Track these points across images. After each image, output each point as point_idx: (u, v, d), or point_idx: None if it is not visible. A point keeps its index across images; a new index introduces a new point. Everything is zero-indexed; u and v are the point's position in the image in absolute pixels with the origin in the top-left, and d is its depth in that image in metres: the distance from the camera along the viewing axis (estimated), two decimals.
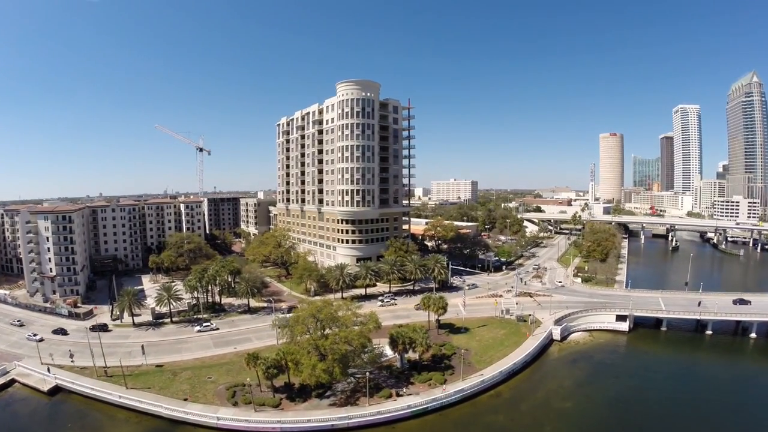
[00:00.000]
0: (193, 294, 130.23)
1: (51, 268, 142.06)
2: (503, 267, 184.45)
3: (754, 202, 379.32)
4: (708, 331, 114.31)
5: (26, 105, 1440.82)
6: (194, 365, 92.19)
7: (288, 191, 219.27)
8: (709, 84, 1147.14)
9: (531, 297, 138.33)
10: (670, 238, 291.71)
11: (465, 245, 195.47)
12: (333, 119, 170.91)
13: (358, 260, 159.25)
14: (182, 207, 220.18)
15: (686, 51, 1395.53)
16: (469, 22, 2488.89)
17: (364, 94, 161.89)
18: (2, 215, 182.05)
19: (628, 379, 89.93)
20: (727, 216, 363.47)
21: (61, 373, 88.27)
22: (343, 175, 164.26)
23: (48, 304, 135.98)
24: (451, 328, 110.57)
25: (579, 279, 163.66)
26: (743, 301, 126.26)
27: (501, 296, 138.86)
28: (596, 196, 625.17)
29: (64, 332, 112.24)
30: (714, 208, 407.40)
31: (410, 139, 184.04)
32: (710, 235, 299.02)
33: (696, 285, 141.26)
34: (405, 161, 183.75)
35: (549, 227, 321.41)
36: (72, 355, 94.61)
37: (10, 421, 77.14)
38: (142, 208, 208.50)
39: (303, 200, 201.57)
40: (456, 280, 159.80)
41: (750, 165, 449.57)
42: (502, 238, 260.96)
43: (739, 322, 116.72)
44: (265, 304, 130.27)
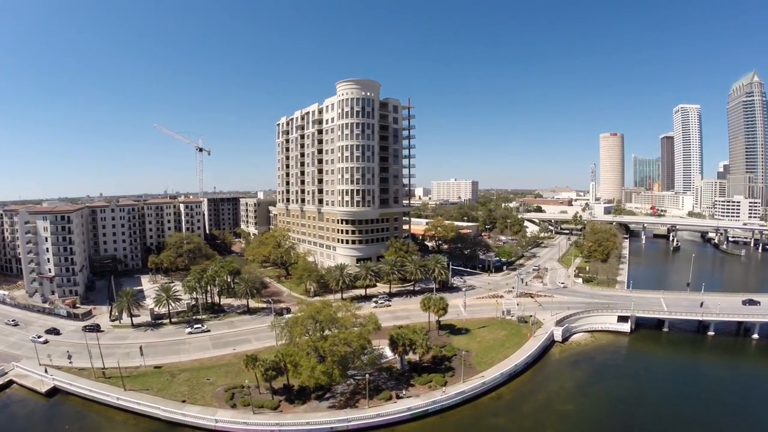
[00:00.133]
0: (192, 295, 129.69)
1: (50, 268, 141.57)
2: (504, 267, 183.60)
3: (755, 202, 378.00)
4: (710, 332, 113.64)
5: (27, 105, 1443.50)
6: (193, 366, 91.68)
7: (288, 191, 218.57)
8: (709, 84, 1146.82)
9: (532, 298, 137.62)
10: (671, 238, 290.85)
11: (465, 245, 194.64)
12: (333, 119, 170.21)
13: (358, 261, 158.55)
14: (182, 207, 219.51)
15: (687, 51, 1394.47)
16: (470, 23, 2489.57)
17: (364, 93, 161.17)
18: (1, 215, 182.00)
19: (630, 381, 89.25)
20: (728, 216, 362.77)
21: (59, 375, 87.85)
22: (343, 175, 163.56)
23: (47, 305, 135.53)
24: (452, 329, 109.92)
25: (580, 279, 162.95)
26: (753, 302, 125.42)
27: (502, 297, 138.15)
28: (597, 196, 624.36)
29: (56, 332, 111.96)
30: (715, 208, 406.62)
31: (410, 138, 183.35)
32: (711, 235, 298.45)
33: (698, 285, 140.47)
34: (405, 161, 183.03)
35: (550, 227, 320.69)
36: (70, 356, 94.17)
37: (8, 423, 76.70)
38: (142, 208, 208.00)
39: (303, 200, 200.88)
40: (456, 281, 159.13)
41: (751, 165, 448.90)
42: (503, 238, 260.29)
43: (741, 323, 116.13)
44: (265, 305, 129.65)
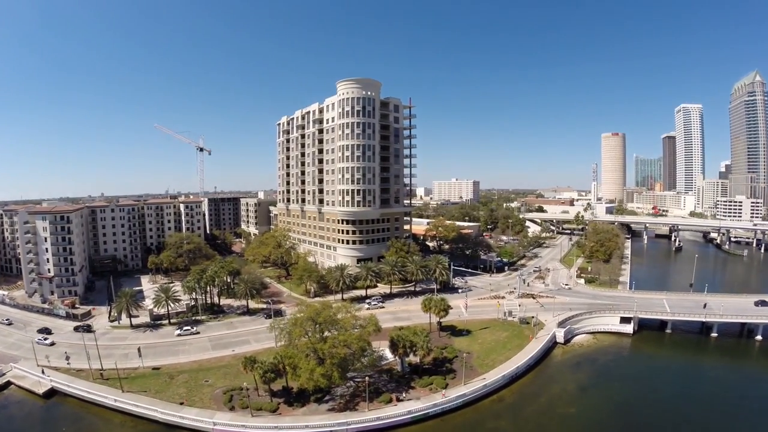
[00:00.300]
0: (192, 295, 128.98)
1: (49, 268, 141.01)
2: (505, 268, 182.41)
3: (757, 202, 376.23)
4: (713, 334, 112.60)
5: (28, 105, 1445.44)
6: (191, 368, 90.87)
7: (288, 191, 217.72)
8: (711, 83, 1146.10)
9: (534, 298, 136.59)
10: (673, 238, 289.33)
11: (467, 246, 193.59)
12: (333, 118, 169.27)
13: (358, 261, 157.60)
14: (182, 207, 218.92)
15: (688, 50, 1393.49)
16: (470, 20, 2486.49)
17: (364, 92, 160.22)
18: (1, 215, 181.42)
19: (633, 383, 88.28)
20: (729, 216, 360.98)
21: (56, 376, 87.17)
22: (344, 175, 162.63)
23: (46, 305, 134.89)
24: (453, 331, 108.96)
25: (582, 280, 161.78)
26: (765, 303, 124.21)
27: (503, 298, 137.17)
28: (598, 196, 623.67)
29: (48, 332, 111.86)
30: (717, 208, 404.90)
31: (411, 138, 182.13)
32: (713, 235, 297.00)
33: (701, 286, 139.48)
34: (406, 161, 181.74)
35: (551, 227, 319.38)
36: (68, 357, 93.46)
37: (5, 425, 76.11)
38: (142, 208, 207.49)
39: (303, 200, 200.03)
40: (458, 281, 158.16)
41: (753, 165, 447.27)
42: (504, 238, 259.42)
43: (745, 325, 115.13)
44: (265, 306, 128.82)
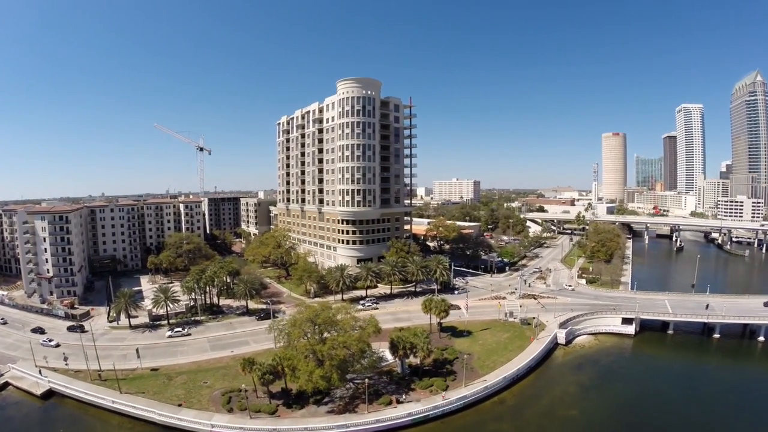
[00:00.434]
0: (191, 295, 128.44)
1: (48, 268, 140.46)
2: (506, 268, 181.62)
3: (758, 202, 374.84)
4: (715, 335, 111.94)
5: (28, 105, 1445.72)
6: (190, 369, 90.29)
7: (288, 191, 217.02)
8: (712, 83, 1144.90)
9: (535, 299, 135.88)
10: (674, 238, 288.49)
11: (467, 246, 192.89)
12: (333, 118, 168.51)
13: (358, 261, 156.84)
14: (181, 207, 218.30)
15: (689, 50, 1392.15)
16: (471, 20, 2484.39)
17: (364, 92, 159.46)
18: (1, 215, 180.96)
19: (635, 385, 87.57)
20: (730, 216, 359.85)
21: (54, 377, 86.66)
22: (344, 175, 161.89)
23: (45, 306, 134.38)
24: (454, 332, 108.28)
25: (583, 280, 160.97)
26: None
27: (504, 298, 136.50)
28: (599, 195, 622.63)
29: (41, 331, 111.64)
30: (718, 208, 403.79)
31: (412, 138, 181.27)
32: (715, 235, 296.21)
33: (702, 287, 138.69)
34: (407, 160, 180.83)
35: (552, 227, 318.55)
36: (66, 358, 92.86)
37: (3, 426, 75.60)
38: (141, 208, 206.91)
39: (303, 200, 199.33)
40: (458, 282, 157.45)
41: (754, 164, 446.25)
42: (505, 238, 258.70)
43: (747, 326, 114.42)
44: (264, 306, 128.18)
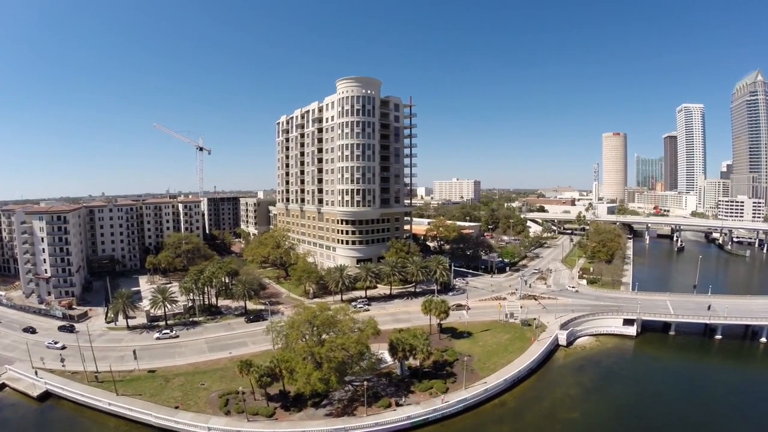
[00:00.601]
0: (189, 296, 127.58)
1: (46, 269, 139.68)
2: (507, 268, 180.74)
3: (759, 202, 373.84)
4: (717, 336, 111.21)
5: (29, 105, 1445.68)
6: (187, 371, 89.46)
7: (287, 191, 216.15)
8: (713, 83, 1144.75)
9: (536, 300, 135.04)
10: (675, 238, 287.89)
11: (468, 246, 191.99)
12: (333, 117, 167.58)
13: (358, 261, 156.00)
14: (180, 207, 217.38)
15: (690, 50, 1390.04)
16: (471, 20, 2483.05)
17: (364, 91, 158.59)
18: None
19: (637, 386, 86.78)
20: (731, 216, 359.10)
21: (51, 378, 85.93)
22: (343, 175, 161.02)
23: (43, 306, 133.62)
24: (454, 333, 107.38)
25: (584, 281, 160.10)
26: None
27: (505, 299, 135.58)
28: (600, 195, 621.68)
29: (33, 331, 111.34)
30: (718, 208, 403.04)
31: (412, 137, 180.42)
32: (715, 235, 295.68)
33: (704, 287, 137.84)
34: (407, 160, 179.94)
35: (553, 227, 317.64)
36: (63, 360, 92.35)
37: None
38: (140, 208, 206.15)
39: (302, 200, 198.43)
40: (458, 282, 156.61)
41: (754, 164, 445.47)
42: (506, 238, 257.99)
43: (749, 327, 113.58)
44: (263, 307, 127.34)
